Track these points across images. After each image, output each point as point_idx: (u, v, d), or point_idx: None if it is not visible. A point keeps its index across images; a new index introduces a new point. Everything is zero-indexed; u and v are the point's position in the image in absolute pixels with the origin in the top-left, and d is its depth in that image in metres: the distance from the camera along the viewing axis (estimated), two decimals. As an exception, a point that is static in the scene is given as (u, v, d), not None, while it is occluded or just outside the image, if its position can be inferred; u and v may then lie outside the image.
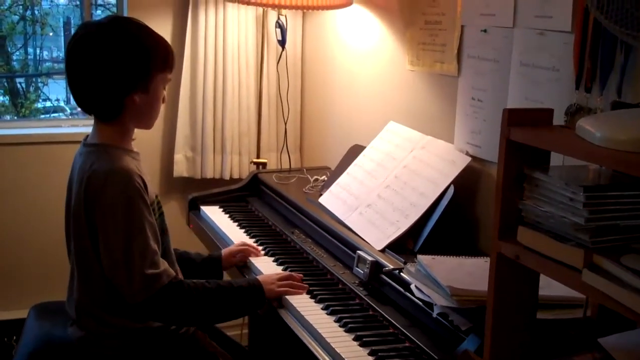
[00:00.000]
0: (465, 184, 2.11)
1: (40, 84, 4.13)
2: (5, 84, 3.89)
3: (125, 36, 1.81)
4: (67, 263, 1.96)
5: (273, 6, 2.79)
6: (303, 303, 1.92)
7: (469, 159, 2.10)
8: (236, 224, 2.57)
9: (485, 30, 2.09)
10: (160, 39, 1.87)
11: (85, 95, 1.84)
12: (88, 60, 1.80)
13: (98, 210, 1.77)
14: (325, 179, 2.72)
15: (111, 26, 1.83)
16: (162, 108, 3.22)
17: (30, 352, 1.99)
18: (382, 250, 2.03)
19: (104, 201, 1.76)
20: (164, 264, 1.81)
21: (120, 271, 1.76)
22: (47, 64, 4.38)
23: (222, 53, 3.16)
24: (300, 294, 1.96)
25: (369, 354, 1.64)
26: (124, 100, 1.81)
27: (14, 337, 3.02)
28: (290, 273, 2.05)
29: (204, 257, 2.24)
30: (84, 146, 1.90)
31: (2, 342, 3.06)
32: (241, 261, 2.23)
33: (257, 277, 2.00)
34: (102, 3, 3.79)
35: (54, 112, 4.05)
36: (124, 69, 1.79)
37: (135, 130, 1.96)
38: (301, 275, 2.05)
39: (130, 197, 1.76)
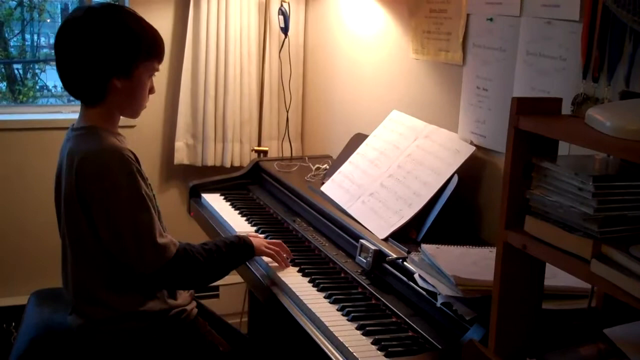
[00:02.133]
0: (470, 174, 2.10)
1: (37, 70, 4.10)
2: (3, 70, 3.86)
3: (111, 20, 1.83)
4: (69, 249, 1.95)
5: (276, -7, 2.77)
6: (305, 291, 1.91)
7: (473, 148, 2.09)
8: (237, 211, 2.56)
9: (491, 19, 2.07)
10: (149, 28, 1.88)
11: (70, 77, 1.86)
12: (73, 42, 1.82)
13: (96, 192, 1.77)
14: (327, 167, 2.71)
15: (100, 11, 1.86)
16: (162, 95, 3.26)
17: (30, 339, 1.99)
18: (385, 239, 2.02)
19: (103, 182, 1.77)
20: (167, 235, 1.85)
21: (130, 245, 1.78)
22: (45, 50, 4.35)
23: (224, 40, 3.14)
24: (285, 264, 2.05)
25: (372, 343, 1.64)
26: (106, 84, 1.83)
27: (13, 324, 3.02)
28: (279, 241, 2.12)
29: None
30: (71, 131, 1.91)
31: (2, 328, 3.06)
32: None
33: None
34: (102, -11, 3.76)
35: (52, 97, 4.02)
36: (105, 52, 1.80)
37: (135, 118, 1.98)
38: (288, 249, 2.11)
39: (129, 173, 1.78)
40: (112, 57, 1.81)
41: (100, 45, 1.80)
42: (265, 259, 2.08)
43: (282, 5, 3.04)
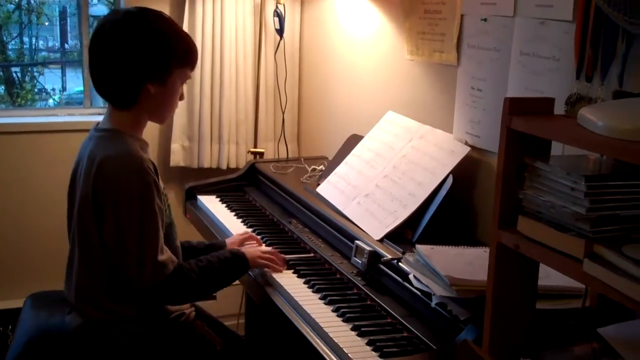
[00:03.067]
0: (464, 174, 2.10)
1: (35, 74, 4.10)
2: (1, 73, 3.86)
3: (149, 25, 1.83)
4: (64, 252, 1.95)
5: (271, -6, 2.77)
6: (300, 292, 1.91)
7: (468, 148, 2.09)
8: (233, 213, 2.56)
9: (485, 20, 2.08)
10: (184, 35, 1.90)
11: (103, 79, 1.86)
12: (109, 45, 1.82)
13: (110, 197, 1.77)
14: (323, 168, 2.71)
15: (137, 15, 1.85)
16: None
17: (26, 342, 1.98)
18: (380, 240, 2.02)
19: (118, 188, 1.77)
20: (167, 251, 1.84)
21: (131, 256, 1.77)
22: (43, 53, 4.36)
23: (220, 42, 3.14)
24: (280, 271, 2.03)
25: (367, 343, 1.64)
26: (139, 89, 1.83)
27: (10, 327, 3.02)
28: (274, 250, 2.10)
29: (206, 244, 2.24)
30: (94, 131, 1.90)
31: (-2, 331, 3.06)
32: None
33: (241, 248, 2.07)
34: (99, -8, 3.76)
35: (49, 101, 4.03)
36: (141, 57, 1.80)
37: None
38: (284, 257, 2.09)
39: (145, 183, 1.77)
40: (149, 62, 1.81)
41: (137, 50, 1.80)
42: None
43: (277, 6, 3.04)
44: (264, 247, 2.16)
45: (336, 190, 2.37)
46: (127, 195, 1.76)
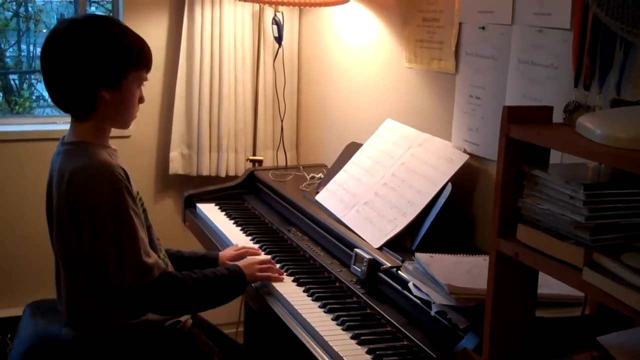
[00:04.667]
0: (463, 182, 2.11)
1: (33, 81, 4.10)
2: (-1, 80, 3.86)
3: (96, 31, 1.81)
4: (63, 261, 1.94)
5: (270, 3, 2.78)
6: (300, 301, 1.91)
7: (466, 156, 2.09)
8: (232, 221, 2.56)
9: (483, 28, 2.08)
10: (135, 37, 1.87)
11: (57, 90, 1.85)
12: (58, 55, 1.81)
13: (83, 207, 1.77)
14: (322, 176, 2.71)
15: (84, 22, 1.84)
16: (157, 105, 3.26)
17: (25, 351, 1.98)
18: (380, 248, 2.02)
19: (90, 197, 1.76)
20: (154, 255, 1.82)
21: (112, 263, 1.76)
22: (41, 60, 4.36)
23: (219, 50, 3.14)
24: (280, 280, 2.01)
25: (367, 352, 1.64)
26: (95, 96, 1.81)
27: (9, 336, 3.01)
28: (269, 258, 2.09)
29: (199, 255, 2.23)
30: (61, 145, 1.89)
31: (-3, 340, 3.05)
32: None
33: (238, 263, 2.03)
34: (96, 0, 3.77)
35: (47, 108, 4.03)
36: (91, 63, 1.79)
37: (130, 127, 1.97)
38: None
39: (115, 190, 1.76)
40: (99, 67, 1.79)
41: (86, 57, 1.78)
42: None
43: (275, 14, 3.05)
44: (259, 257, 2.13)
45: (335, 198, 2.37)
46: (99, 203, 1.76)
